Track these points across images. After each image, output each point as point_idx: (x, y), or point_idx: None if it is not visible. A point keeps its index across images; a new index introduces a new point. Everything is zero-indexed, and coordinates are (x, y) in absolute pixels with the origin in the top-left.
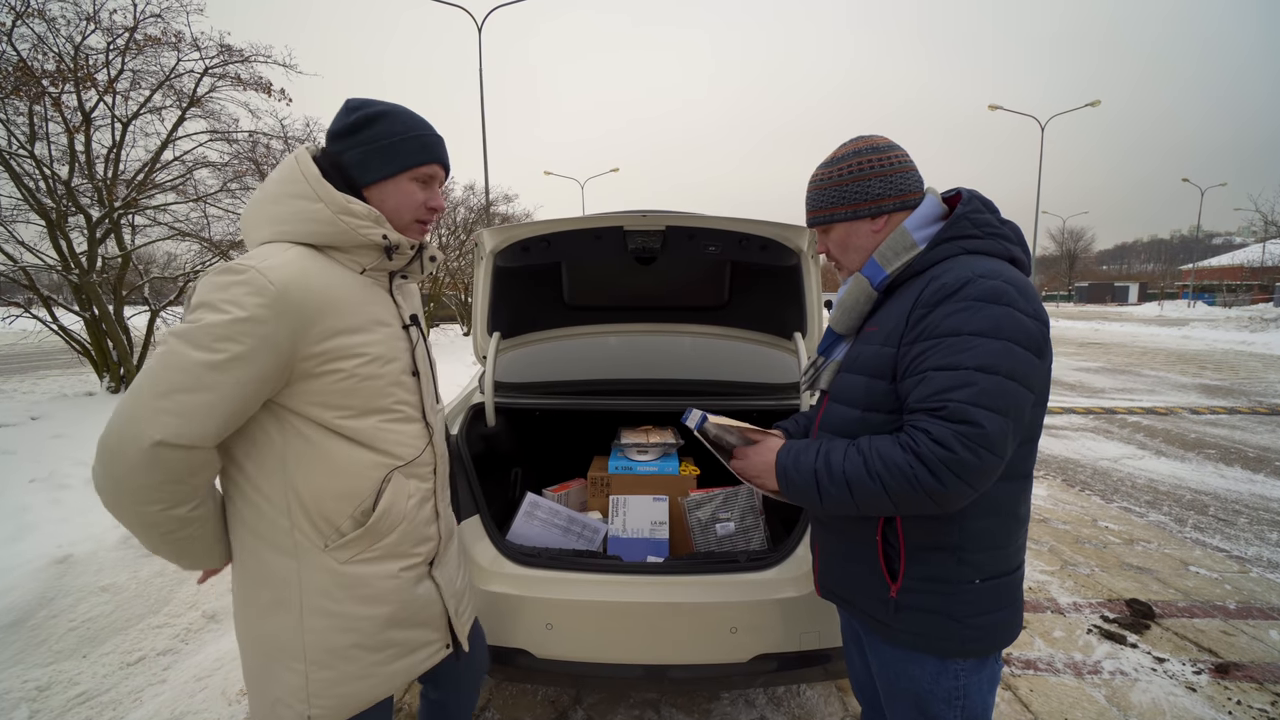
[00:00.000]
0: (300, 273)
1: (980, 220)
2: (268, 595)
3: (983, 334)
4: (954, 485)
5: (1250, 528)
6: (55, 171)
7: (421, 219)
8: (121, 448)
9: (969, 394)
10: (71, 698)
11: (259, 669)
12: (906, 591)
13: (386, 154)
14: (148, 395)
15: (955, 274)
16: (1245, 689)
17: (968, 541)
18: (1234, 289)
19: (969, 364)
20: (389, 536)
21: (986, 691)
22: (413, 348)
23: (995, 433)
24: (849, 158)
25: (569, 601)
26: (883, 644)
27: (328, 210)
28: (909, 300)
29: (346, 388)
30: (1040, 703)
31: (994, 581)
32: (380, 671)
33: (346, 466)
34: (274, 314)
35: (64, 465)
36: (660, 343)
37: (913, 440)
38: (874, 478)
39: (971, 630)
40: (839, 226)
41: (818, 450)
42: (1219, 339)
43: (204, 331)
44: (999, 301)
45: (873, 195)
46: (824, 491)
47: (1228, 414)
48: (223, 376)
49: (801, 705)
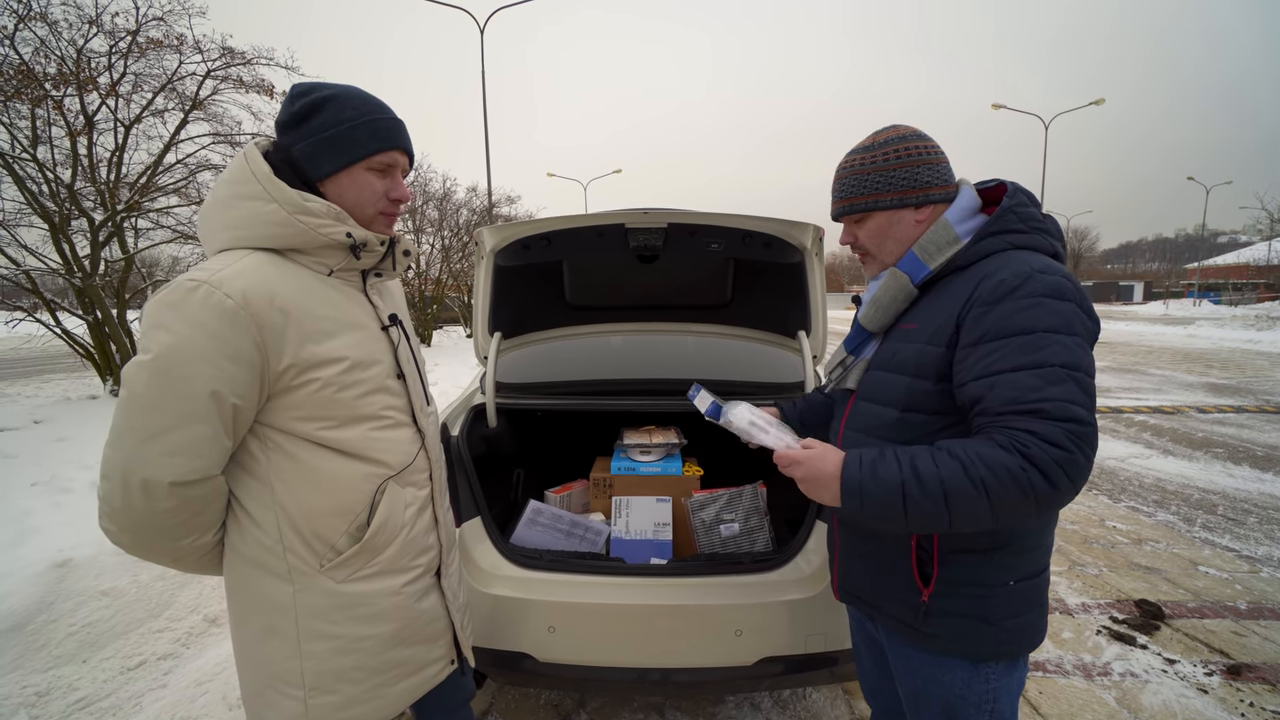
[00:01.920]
0: (260, 281)
1: (1026, 215)
2: (260, 621)
3: (1057, 331)
4: (1065, 486)
5: (1260, 527)
6: (58, 175)
7: (385, 211)
8: (132, 499)
9: (1066, 391)
10: (71, 703)
11: (255, 696)
12: (939, 596)
13: (337, 144)
14: (139, 440)
15: (1013, 269)
16: (1258, 690)
17: (1005, 543)
18: (1240, 287)
19: (1055, 361)
20: (388, 550)
21: (1015, 694)
22: (395, 349)
23: (1095, 429)
24: (893, 142)
25: (572, 604)
26: (911, 649)
27: (283, 211)
28: (958, 298)
29: (326, 397)
30: (1050, 705)
31: (1026, 583)
32: (386, 693)
33: (337, 480)
34: (237, 328)
35: (67, 469)
36: (663, 342)
37: (1018, 442)
38: (978, 485)
39: (1005, 633)
40: (879, 216)
41: (898, 460)
42: (1225, 337)
43: (167, 361)
44: (1064, 297)
45: (921, 183)
46: (911, 505)
47: (1235, 412)
48: (201, 405)
49: (807, 709)
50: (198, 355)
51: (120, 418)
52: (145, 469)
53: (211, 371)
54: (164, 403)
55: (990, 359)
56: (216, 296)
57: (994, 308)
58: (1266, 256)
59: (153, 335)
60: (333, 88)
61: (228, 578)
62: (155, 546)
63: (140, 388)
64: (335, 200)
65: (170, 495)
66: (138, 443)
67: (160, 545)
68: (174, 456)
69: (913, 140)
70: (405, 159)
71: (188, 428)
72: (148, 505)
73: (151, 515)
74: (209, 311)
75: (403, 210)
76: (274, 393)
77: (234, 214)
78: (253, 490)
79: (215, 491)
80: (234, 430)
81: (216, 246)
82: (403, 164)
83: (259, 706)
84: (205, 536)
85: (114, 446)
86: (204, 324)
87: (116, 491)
